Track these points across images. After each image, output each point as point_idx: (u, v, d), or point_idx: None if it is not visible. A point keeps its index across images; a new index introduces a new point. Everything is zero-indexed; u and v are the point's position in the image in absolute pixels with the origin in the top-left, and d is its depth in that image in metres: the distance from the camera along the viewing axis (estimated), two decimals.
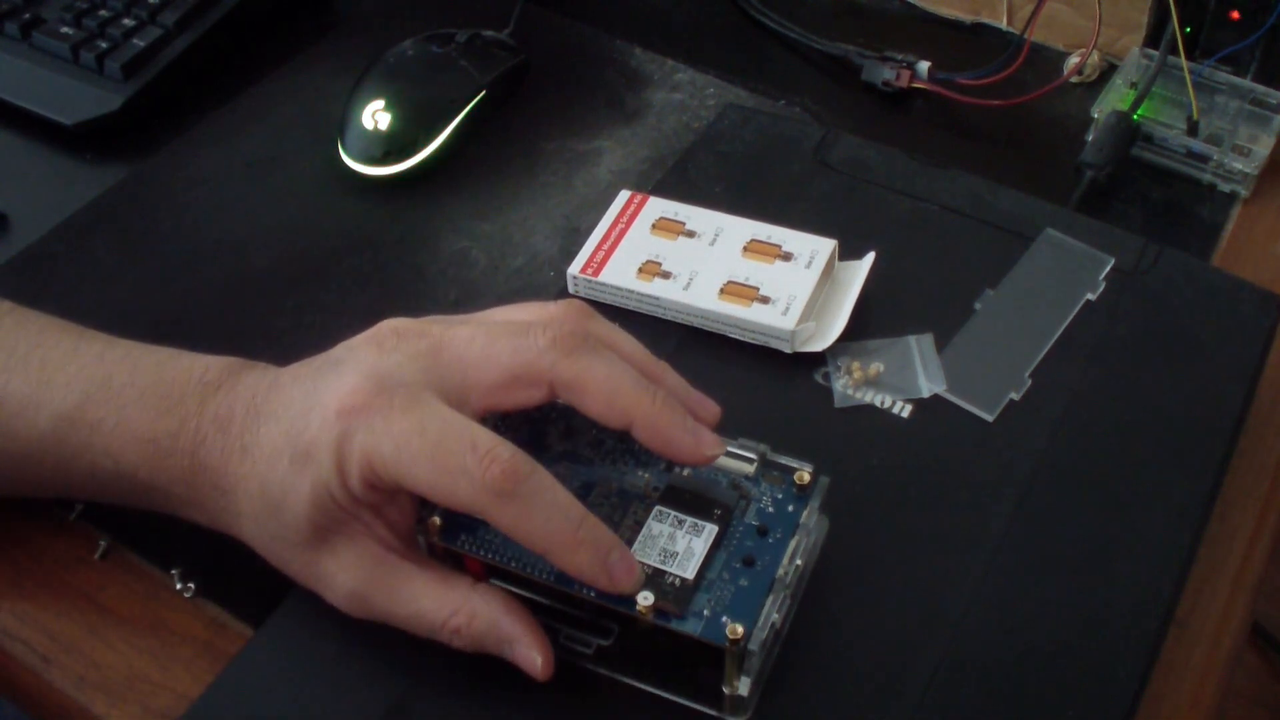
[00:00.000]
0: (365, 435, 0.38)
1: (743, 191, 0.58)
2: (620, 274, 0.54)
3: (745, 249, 0.54)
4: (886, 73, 0.67)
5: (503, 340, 0.41)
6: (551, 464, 0.42)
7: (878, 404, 0.50)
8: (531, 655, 0.40)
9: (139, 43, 0.64)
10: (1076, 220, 0.57)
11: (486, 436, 0.38)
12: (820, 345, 0.52)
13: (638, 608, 0.39)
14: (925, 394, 0.50)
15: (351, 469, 0.39)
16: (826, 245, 0.54)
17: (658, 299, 0.53)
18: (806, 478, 0.42)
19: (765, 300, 0.52)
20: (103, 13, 0.66)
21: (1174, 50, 0.63)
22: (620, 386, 0.40)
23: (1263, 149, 0.62)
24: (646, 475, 0.43)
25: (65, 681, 0.44)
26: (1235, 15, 0.62)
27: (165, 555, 0.47)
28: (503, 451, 0.38)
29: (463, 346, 0.41)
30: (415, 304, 0.55)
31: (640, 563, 0.39)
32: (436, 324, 0.42)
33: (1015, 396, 0.50)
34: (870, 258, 0.54)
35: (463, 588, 0.41)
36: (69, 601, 0.46)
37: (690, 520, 0.41)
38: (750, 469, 0.43)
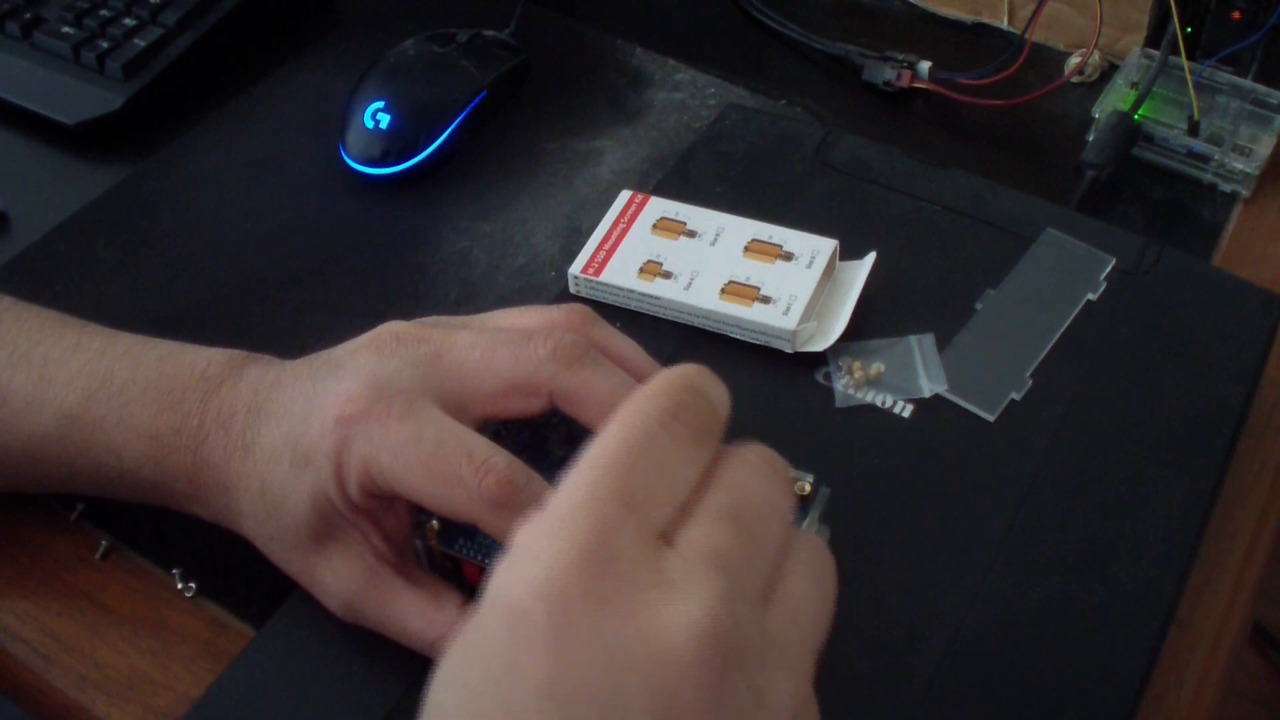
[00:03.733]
0: (363, 444, 0.38)
1: (744, 191, 0.58)
2: (621, 274, 0.54)
3: (746, 249, 0.54)
4: (887, 72, 0.67)
5: (503, 349, 0.40)
6: (551, 470, 0.41)
7: (879, 404, 0.50)
8: None
9: (140, 42, 0.64)
10: (1077, 220, 0.57)
11: (483, 445, 0.38)
12: (821, 345, 0.52)
13: None
14: (926, 394, 0.50)
15: (350, 477, 0.39)
16: (827, 245, 0.54)
17: (659, 299, 0.53)
18: (808, 488, 0.42)
19: (766, 300, 0.52)
20: (103, 12, 0.66)
21: (1175, 50, 0.62)
22: (619, 401, 0.40)
23: (1263, 149, 0.62)
24: None
25: (66, 681, 0.44)
26: (1236, 15, 0.62)
27: (166, 555, 0.47)
28: (498, 461, 0.38)
29: (463, 354, 0.40)
30: (416, 304, 0.55)
31: None
32: (437, 329, 0.41)
33: (1016, 396, 0.50)
34: (871, 258, 0.54)
35: (451, 609, 0.41)
36: (70, 601, 0.46)
37: None
38: None
